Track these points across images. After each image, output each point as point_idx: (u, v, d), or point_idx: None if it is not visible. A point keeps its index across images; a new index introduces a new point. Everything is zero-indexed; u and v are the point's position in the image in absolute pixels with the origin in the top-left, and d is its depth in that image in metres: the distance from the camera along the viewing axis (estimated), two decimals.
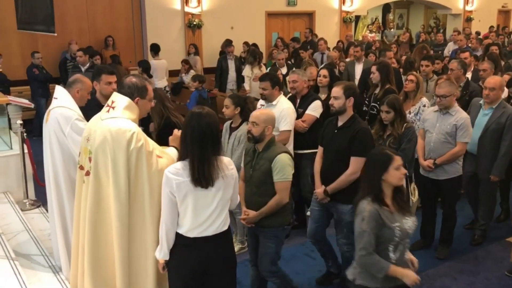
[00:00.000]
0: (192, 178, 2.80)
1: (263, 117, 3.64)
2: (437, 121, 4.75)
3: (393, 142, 4.36)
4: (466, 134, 4.62)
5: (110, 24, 11.73)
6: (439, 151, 4.69)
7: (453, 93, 4.66)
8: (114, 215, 3.05)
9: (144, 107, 3.33)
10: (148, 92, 3.30)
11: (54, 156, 3.99)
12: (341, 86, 4.09)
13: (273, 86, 4.99)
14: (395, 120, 4.39)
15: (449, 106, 4.68)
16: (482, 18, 18.08)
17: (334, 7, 14.87)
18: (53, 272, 4.22)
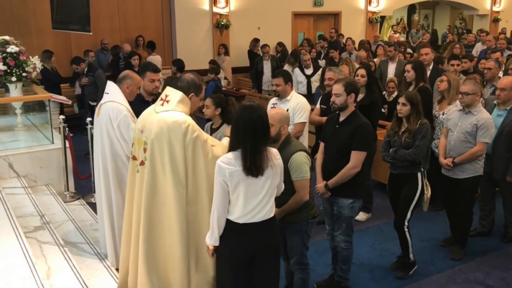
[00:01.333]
0: (244, 167, 2.96)
1: (278, 117, 3.65)
2: (459, 120, 4.78)
3: (408, 137, 4.39)
4: (486, 134, 4.62)
5: (141, 24, 11.99)
6: (458, 150, 4.72)
7: (476, 92, 4.66)
8: (174, 202, 3.22)
9: (195, 104, 3.51)
10: (202, 91, 3.49)
11: (104, 149, 4.19)
12: (342, 83, 4.17)
13: (286, 82, 5.12)
14: (410, 115, 4.40)
15: (472, 105, 4.69)
16: (510, 18, 17.93)
17: (360, 7, 14.93)
18: (99, 259, 4.42)
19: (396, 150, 4.46)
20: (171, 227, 3.28)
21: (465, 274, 4.66)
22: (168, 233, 3.30)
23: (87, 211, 5.78)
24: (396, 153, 4.45)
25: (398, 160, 4.44)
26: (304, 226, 3.85)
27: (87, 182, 6.61)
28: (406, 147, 4.38)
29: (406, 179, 4.47)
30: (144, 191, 3.30)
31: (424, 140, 4.37)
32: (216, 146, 3.37)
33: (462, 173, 4.73)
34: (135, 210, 3.41)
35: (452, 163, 4.71)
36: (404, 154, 4.38)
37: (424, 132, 4.37)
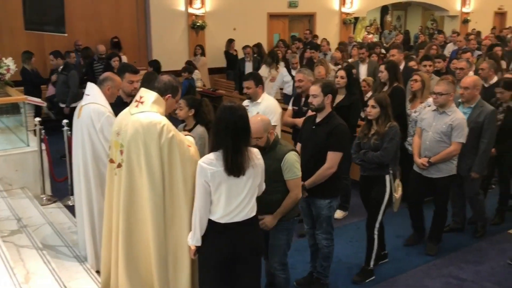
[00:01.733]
0: (226, 167, 3.00)
1: (262, 127, 3.61)
2: (433, 120, 4.85)
3: (377, 140, 4.41)
4: (461, 135, 4.71)
5: (116, 25, 11.89)
6: (434, 150, 4.79)
7: (450, 92, 4.74)
8: (150, 204, 3.23)
9: (171, 105, 3.53)
10: (179, 93, 3.51)
11: (84, 151, 4.18)
12: (319, 84, 4.19)
13: (256, 84, 5.07)
14: (379, 117, 4.42)
15: (446, 105, 4.77)
16: (479, 20, 18.37)
17: (335, 8, 15.10)
18: (79, 262, 4.40)
19: (365, 152, 4.49)
20: (148, 230, 3.29)
21: (440, 269, 4.79)
22: (147, 234, 3.31)
23: (64, 214, 5.73)
24: (365, 155, 4.47)
25: (367, 162, 4.48)
26: (291, 224, 3.89)
27: (64, 184, 6.55)
28: (375, 149, 4.42)
29: (375, 181, 4.50)
30: (122, 193, 3.31)
31: (392, 142, 4.39)
32: (192, 146, 3.40)
33: (437, 173, 4.82)
34: (115, 212, 3.41)
35: (428, 162, 4.79)
36: (372, 156, 4.41)
37: (392, 134, 4.39)
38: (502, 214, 5.79)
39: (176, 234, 3.33)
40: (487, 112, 5.01)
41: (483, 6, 18.67)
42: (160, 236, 3.27)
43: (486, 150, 5.04)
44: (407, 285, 4.53)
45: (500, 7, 19.51)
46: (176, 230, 3.33)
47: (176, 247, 3.34)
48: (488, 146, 5.04)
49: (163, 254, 3.30)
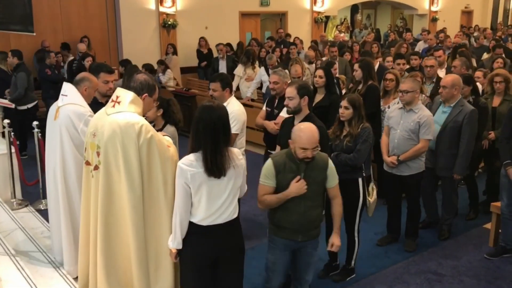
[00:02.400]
0: (206, 168, 2.93)
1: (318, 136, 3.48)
2: (401, 118, 4.83)
3: (349, 141, 4.31)
4: (428, 132, 4.72)
5: (85, 24, 11.65)
6: (402, 147, 4.78)
7: (415, 89, 4.73)
8: (129, 206, 3.15)
9: (149, 105, 3.45)
10: (156, 92, 3.43)
11: (64, 153, 4.06)
12: (294, 86, 4.06)
13: (223, 87, 4.69)
14: (352, 118, 4.31)
15: (412, 103, 4.76)
16: (447, 18, 18.73)
17: (306, 7, 15.15)
18: (54, 267, 4.28)
19: (337, 155, 4.35)
20: (127, 232, 3.21)
21: (418, 265, 4.82)
22: (126, 237, 3.23)
23: (36, 219, 5.57)
24: (337, 158, 4.31)
25: (339, 165, 4.23)
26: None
27: (35, 188, 6.37)
28: (348, 152, 4.31)
29: (348, 185, 4.30)
30: (99, 196, 3.22)
31: (365, 144, 4.30)
32: (171, 146, 3.33)
33: (407, 170, 4.82)
34: (92, 216, 3.31)
35: (397, 160, 4.79)
36: (345, 159, 4.29)
37: (365, 136, 4.29)
38: (476, 209, 5.86)
39: (157, 237, 3.26)
40: (467, 111, 4.99)
41: (451, 4, 19.04)
42: (140, 239, 3.19)
43: (466, 150, 5.01)
44: (386, 282, 4.54)
45: (467, 6, 19.93)
46: (156, 233, 3.25)
47: (157, 250, 3.27)
48: (468, 146, 5.01)
49: (143, 257, 3.22)
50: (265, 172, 3.48)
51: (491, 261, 4.87)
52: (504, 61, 7.43)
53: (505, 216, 4.83)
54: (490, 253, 4.97)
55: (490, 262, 4.85)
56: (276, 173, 3.45)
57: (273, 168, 3.46)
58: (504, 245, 4.92)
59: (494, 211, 5.10)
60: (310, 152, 3.37)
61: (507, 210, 4.78)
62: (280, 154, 3.57)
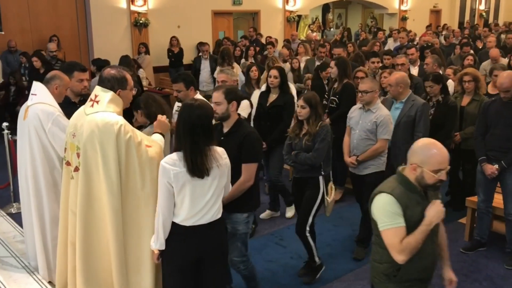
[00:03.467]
0: (188, 168, 2.89)
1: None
2: (360, 118, 4.81)
3: (308, 140, 4.29)
4: (386, 131, 4.68)
5: (55, 24, 11.42)
6: (361, 148, 4.77)
7: (374, 89, 4.71)
8: (108, 208, 3.08)
9: (127, 97, 3.37)
10: (128, 82, 3.34)
11: (33, 154, 3.95)
12: (222, 91, 3.73)
13: (187, 87, 4.53)
14: (310, 117, 4.28)
15: (371, 103, 4.73)
16: (416, 17, 19.03)
17: (278, 6, 15.16)
18: (28, 273, 4.17)
19: (297, 154, 4.36)
20: (107, 234, 3.14)
21: None
22: (105, 240, 3.16)
23: (8, 223, 5.42)
24: (297, 157, 4.34)
25: (299, 163, 4.35)
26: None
27: (5, 191, 6.20)
28: (307, 150, 4.30)
29: (308, 183, 4.38)
30: (78, 198, 3.14)
31: (323, 143, 4.27)
32: (152, 146, 3.26)
33: (365, 170, 4.79)
34: (71, 218, 3.23)
35: (356, 161, 4.77)
36: (304, 158, 4.29)
37: (324, 134, 4.27)
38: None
39: (137, 238, 3.20)
40: (419, 105, 5.03)
41: (420, 4, 19.35)
42: (119, 242, 3.13)
43: None
44: (366, 278, 4.54)
45: (435, 5, 20.29)
46: (136, 234, 3.20)
47: (137, 251, 3.21)
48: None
49: (123, 259, 3.15)
50: (391, 210, 2.65)
51: (467, 255, 4.95)
52: (474, 58, 7.59)
53: (481, 211, 4.91)
54: (466, 247, 5.05)
55: (466, 256, 4.94)
56: (404, 209, 2.66)
57: (398, 204, 2.65)
58: (479, 239, 5.01)
59: (469, 206, 5.19)
60: (445, 174, 2.69)
61: (483, 205, 4.87)
62: (393, 186, 2.74)
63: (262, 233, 5.41)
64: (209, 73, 9.85)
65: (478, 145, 4.86)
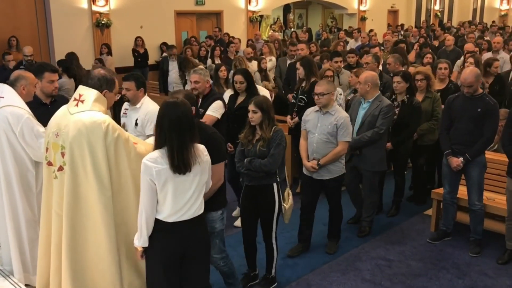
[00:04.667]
0: (172, 165, 2.93)
1: None
2: (318, 121, 4.76)
3: (263, 146, 4.10)
4: (346, 133, 4.69)
5: (13, 24, 11.10)
6: (322, 151, 4.70)
7: (331, 91, 4.67)
8: (99, 207, 3.09)
9: (111, 100, 3.39)
10: (115, 86, 3.37)
11: (4, 157, 3.89)
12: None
13: (138, 87, 4.46)
14: (263, 122, 4.09)
15: (328, 105, 4.70)
16: (374, 17, 19.48)
17: (241, 6, 15.24)
18: (3, 276, 4.09)
19: (251, 160, 4.14)
20: (97, 233, 3.14)
21: (368, 252, 5.04)
22: (95, 239, 3.16)
23: None
24: (251, 164, 4.12)
25: (254, 170, 4.12)
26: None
27: None
28: (261, 157, 4.10)
29: (262, 191, 4.19)
30: (65, 198, 3.13)
31: (279, 148, 4.10)
32: (138, 143, 3.30)
33: (327, 174, 4.75)
34: (55, 218, 3.21)
35: (317, 165, 4.70)
36: (259, 164, 4.08)
37: (278, 139, 4.10)
38: (398, 206, 5.98)
39: (128, 236, 3.22)
40: (383, 106, 5.15)
41: (378, 4, 19.82)
42: (112, 240, 3.15)
43: (372, 138, 5.13)
44: (340, 269, 4.71)
45: (393, 5, 20.82)
46: (127, 231, 3.21)
47: (128, 248, 3.22)
48: (374, 135, 5.12)
49: (116, 258, 3.17)
50: None
51: (434, 245, 5.17)
52: (432, 56, 7.89)
53: (447, 202, 5.12)
54: (432, 237, 5.27)
55: (433, 245, 5.16)
56: None
57: None
58: (445, 229, 5.23)
59: (435, 197, 5.41)
60: None
61: (449, 196, 5.08)
62: None
63: (236, 230, 5.48)
64: (177, 74, 9.74)
65: (443, 139, 5.06)
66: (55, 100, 4.53)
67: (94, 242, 3.17)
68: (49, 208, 3.27)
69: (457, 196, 5.12)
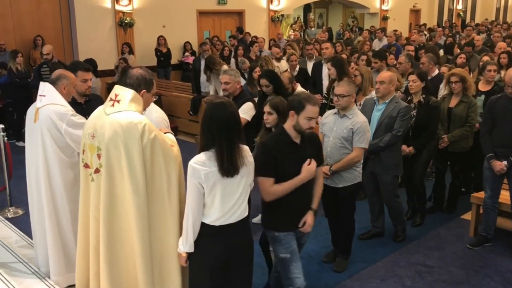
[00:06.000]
0: (221, 167, 2.83)
1: None
2: (334, 125, 4.45)
3: None
4: (363, 139, 4.33)
5: (38, 24, 11.17)
6: (335, 157, 4.39)
7: (351, 93, 4.35)
8: (134, 209, 3.00)
9: (148, 101, 3.30)
10: (154, 87, 3.28)
11: (47, 156, 3.84)
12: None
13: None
14: (279, 124, 3.91)
15: (347, 108, 4.38)
16: (396, 17, 19.26)
17: (263, 6, 15.16)
18: (39, 278, 4.05)
19: None
20: (131, 236, 3.05)
21: (406, 257, 4.89)
22: (129, 243, 3.07)
23: (8, 227, 5.28)
24: None
25: None
26: None
27: (0, 195, 6.03)
28: None
29: None
30: (101, 200, 3.04)
31: None
32: (174, 145, 3.21)
33: (340, 182, 4.43)
34: (93, 222, 3.13)
35: (330, 171, 4.37)
36: None
37: None
38: (423, 214, 5.66)
39: (161, 240, 3.13)
40: (401, 107, 4.84)
41: (400, 3, 19.59)
42: (145, 243, 3.05)
43: (389, 143, 4.83)
44: (379, 276, 4.58)
45: (415, 5, 20.57)
46: (161, 235, 3.12)
47: (162, 253, 3.14)
48: (392, 139, 4.83)
49: (148, 261, 3.07)
50: None
51: (474, 250, 5.00)
52: (466, 57, 7.68)
53: (487, 206, 4.95)
54: (472, 243, 5.10)
55: (474, 251, 4.99)
56: None
57: None
58: (485, 235, 5.06)
59: (474, 202, 5.24)
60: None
61: (490, 201, 4.91)
62: None
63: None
64: None
65: (485, 142, 4.87)
66: (90, 100, 4.48)
67: (129, 246, 3.08)
68: (87, 211, 3.19)
69: (498, 201, 4.94)
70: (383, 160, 4.93)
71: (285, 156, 3.40)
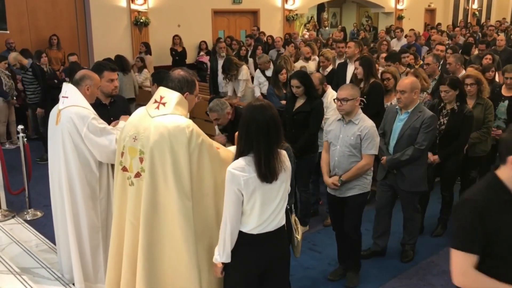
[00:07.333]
0: (259, 173, 2.69)
1: None
2: (340, 132, 4.18)
3: None
4: (372, 145, 4.07)
5: (53, 23, 11.13)
6: (344, 166, 4.14)
7: (355, 97, 4.08)
8: (180, 217, 2.85)
9: (192, 103, 3.16)
10: (196, 88, 3.14)
11: (68, 160, 3.70)
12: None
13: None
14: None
15: (352, 113, 4.12)
16: (412, 16, 19.04)
17: (277, 5, 15.03)
18: (63, 285, 3.93)
19: None
20: (175, 246, 2.91)
21: (438, 265, 4.73)
22: (172, 252, 2.92)
23: (28, 230, 5.17)
24: None
25: None
26: None
27: (17, 197, 5.93)
28: None
29: None
30: (142, 206, 2.89)
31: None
32: (220, 149, 3.07)
33: (349, 191, 4.19)
34: (129, 228, 2.99)
35: (339, 181, 4.15)
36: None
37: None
38: (445, 224, 5.37)
39: (208, 248, 2.97)
40: (425, 117, 4.44)
41: (415, 3, 19.38)
42: (191, 252, 2.90)
43: (413, 157, 4.45)
44: (411, 284, 4.42)
45: (430, 4, 20.34)
46: (207, 244, 2.97)
47: (209, 262, 2.97)
48: (415, 153, 4.44)
49: (196, 272, 2.93)
50: None
51: None
52: (493, 57, 7.49)
53: None
54: None
55: None
56: None
57: None
58: None
59: None
60: None
61: None
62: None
63: None
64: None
65: None
66: (114, 101, 4.36)
67: (171, 255, 2.93)
68: (123, 217, 3.05)
69: None
70: (405, 174, 4.55)
71: (505, 223, 2.21)
